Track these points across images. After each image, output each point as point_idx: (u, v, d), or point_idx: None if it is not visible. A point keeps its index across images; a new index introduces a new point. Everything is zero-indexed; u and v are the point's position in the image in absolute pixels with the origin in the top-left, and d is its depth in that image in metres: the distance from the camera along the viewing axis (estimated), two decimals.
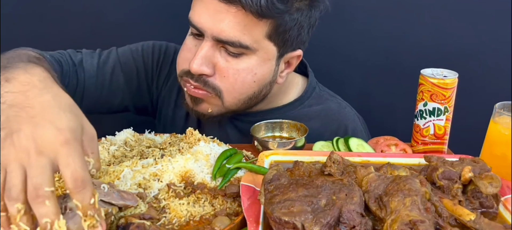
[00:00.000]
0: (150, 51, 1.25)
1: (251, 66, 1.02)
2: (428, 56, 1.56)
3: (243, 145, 1.08)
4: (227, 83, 1.03)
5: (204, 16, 0.97)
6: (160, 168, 0.85)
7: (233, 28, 0.95)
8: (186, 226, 0.75)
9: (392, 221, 0.62)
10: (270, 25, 0.98)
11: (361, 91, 1.66)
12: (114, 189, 0.73)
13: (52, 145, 0.58)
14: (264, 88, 1.09)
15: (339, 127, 1.20)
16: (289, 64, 1.12)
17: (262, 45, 1.01)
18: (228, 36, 0.96)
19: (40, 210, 0.56)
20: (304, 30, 1.05)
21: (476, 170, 0.76)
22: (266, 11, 0.92)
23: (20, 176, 0.56)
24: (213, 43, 0.99)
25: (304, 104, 1.22)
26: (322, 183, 0.71)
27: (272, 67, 1.06)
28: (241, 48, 0.98)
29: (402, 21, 1.56)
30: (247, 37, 0.97)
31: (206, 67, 1.00)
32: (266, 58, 1.03)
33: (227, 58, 1.01)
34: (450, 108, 1.03)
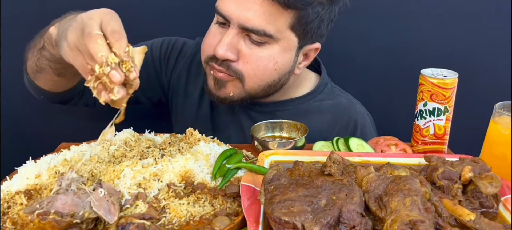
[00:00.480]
0: (159, 45, 1.31)
1: (273, 55, 1.06)
2: (428, 56, 1.56)
3: (243, 145, 1.08)
4: (250, 68, 1.07)
5: (231, 4, 1.02)
6: (160, 168, 0.85)
7: (259, 17, 1.00)
8: (186, 226, 0.75)
9: (392, 221, 0.62)
10: (294, 16, 1.02)
11: (361, 91, 1.66)
12: (110, 198, 0.74)
13: (98, 13, 0.82)
14: (283, 77, 1.13)
15: (349, 122, 1.23)
16: (307, 56, 1.17)
17: (285, 35, 1.05)
18: (253, 25, 1.01)
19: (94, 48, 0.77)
20: (324, 24, 1.09)
21: (476, 170, 0.76)
22: (292, 2, 0.98)
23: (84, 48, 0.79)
24: (238, 31, 1.03)
25: (316, 98, 1.25)
26: (322, 183, 0.71)
27: (292, 57, 1.11)
28: (265, 37, 1.03)
29: (402, 21, 1.56)
30: (272, 27, 1.02)
31: (230, 53, 1.05)
32: (287, 48, 1.08)
33: (250, 46, 1.05)
34: (450, 108, 1.03)
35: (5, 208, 0.78)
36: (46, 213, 0.68)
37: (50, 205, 0.70)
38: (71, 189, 0.76)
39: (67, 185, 0.77)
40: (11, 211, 0.77)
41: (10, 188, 0.83)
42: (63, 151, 0.98)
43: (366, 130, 1.23)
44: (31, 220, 0.68)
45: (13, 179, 0.86)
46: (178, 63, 1.31)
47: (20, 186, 0.84)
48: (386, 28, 1.57)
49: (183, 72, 1.30)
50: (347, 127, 1.21)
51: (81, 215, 0.70)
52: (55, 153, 0.99)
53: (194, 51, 1.30)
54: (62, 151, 0.98)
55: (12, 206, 0.78)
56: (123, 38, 0.79)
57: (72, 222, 0.69)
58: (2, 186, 0.84)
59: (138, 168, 0.84)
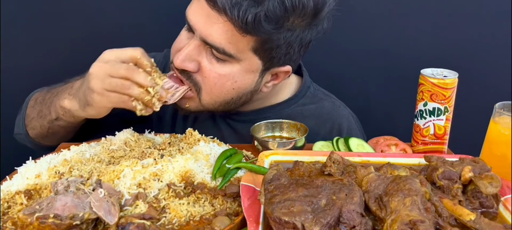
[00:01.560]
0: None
1: (232, 74, 1.03)
2: (428, 56, 1.56)
3: (243, 145, 1.08)
4: (207, 84, 1.04)
5: (197, 15, 0.99)
6: (160, 168, 0.85)
7: (220, 35, 0.96)
8: (186, 226, 0.75)
9: (392, 221, 0.62)
10: (256, 40, 0.98)
11: (361, 91, 1.66)
12: (109, 199, 0.74)
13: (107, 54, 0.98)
14: (244, 96, 1.10)
15: (333, 126, 1.21)
16: (277, 76, 1.12)
17: (247, 57, 1.01)
18: (214, 41, 0.97)
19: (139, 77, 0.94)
20: (294, 49, 1.04)
21: (476, 170, 0.76)
22: (251, 29, 0.92)
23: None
24: (200, 42, 1.00)
25: (298, 103, 1.22)
26: (322, 183, 0.71)
27: (254, 78, 1.07)
28: (225, 55, 0.99)
29: (402, 21, 1.56)
30: (232, 47, 0.98)
31: (189, 63, 1.02)
32: (249, 70, 1.04)
33: (211, 60, 1.02)
34: (450, 108, 1.03)
35: (5, 208, 0.78)
36: (45, 217, 0.68)
37: (50, 206, 0.70)
38: (70, 190, 0.76)
39: (65, 187, 0.77)
40: (11, 211, 0.77)
41: (10, 188, 0.83)
42: (63, 151, 0.98)
43: (352, 132, 1.20)
44: (31, 223, 0.68)
45: (13, 179, 0.86)
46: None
47: (20, 186, 0.84)
48: (386, 28, 1.57)
49: None
50: (331, 132, 1.19)
51: (81, 217, 0.70)
52: (55, 153, 0.99)
53: (163, 66, 1.26)
54: (62, 151, 0.98)
55: (12, 206, 0.78)
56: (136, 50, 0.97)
57: (72, 224, 0.69)
58: (2, 186, 0.84)
59: (138, 168, 0.84)
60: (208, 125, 1.22)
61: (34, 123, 1.15)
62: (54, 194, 0.76)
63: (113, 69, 0.93)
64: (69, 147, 1.00)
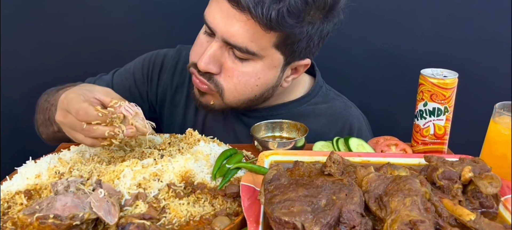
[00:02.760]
0: (140, 66, 1.31)
1: (256, 71, 1.04)
2: (428, 56, 1.56)
3: (243, 145, 1.08)
4: (231, 83, 1.05)
5: (217, 17, 1.00)
6: (160, 168, 0.85)
7: (242, 34, 0.97)
8: (186, 226, 0.75)
9: (392, 221, 0.62)
10: (279, 36, 0.99)
11: (361, 91, 1.66)
12: (110, 199, 0.74)
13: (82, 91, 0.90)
14: (266, 92, 1.11)
15: (344, 126, 1.22)
16: (296, 70, 1.14)
17: (269, 53, 1.02)
18: (236, 41, 0.98)
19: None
20: (314, 42, 1.06)
21: (476, 170, 0.76)
22: (275, 25, 0.94)
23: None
24: (222, 44, 1.02)
25: (310, 102, 1.24)
26: (322, 183, 0.71)
27: (276, 74, 1.09)
28: (247, 54, 1.00)
29: (402, 21, 1.56)
30: (255, 45, 0.99)
31: (212, 66, 1.03)
32: (271, 65, 1.05)
33: (234, 60, 1.03)
34: (450, 108, 1.03)
35: (5, 208, 0.78)
36: (45, 217, 0.68)
37: (50, 206, 0.70)
38: (70, 190, 0.76)
39: (65, 187, 0.77)
40: (11, 211, 0.77)
41: (10, 188, 0.83)
42: (63, 151, 0.98)
43: (362, 133, 1.22)
44: (31, 223, 0.68)
45: (13, 179, 0.86)
46: (161, 78, 1.30)
47: (20, 186, 0.84)
48: (386, 28, 1.57)
49: (167, 84, 1.29)
50: (342, 131, 1.20)
51: (81, 217, 0.70)
52: (55, 153, 0.99)
53: (175, 62, 1.29)
54: (62, 151, 0.98)
55: (12, 206, 0.78)
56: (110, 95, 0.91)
57: (72, 224, 0.69)
58: (2, 186, 0.84)
59: (138, 168, 0.84)
60: (219, 120, 1.24)
61: (42, 129, 1.18)
62: (54, 194, 0.75)
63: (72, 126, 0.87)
64: (69, 147, 1.01)
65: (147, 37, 1.60)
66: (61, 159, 0.92)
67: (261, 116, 1.18)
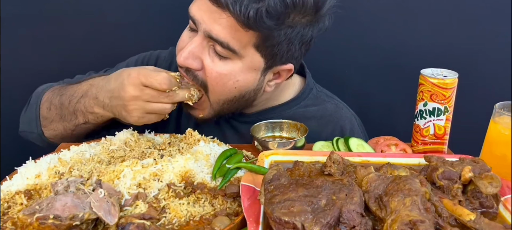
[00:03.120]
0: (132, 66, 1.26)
1: (234, 72, 1.03)
2: (428, 56, 1.56)
3: (243, 145, 1.08)
4: (210, 82, 1.04)
5: (201, 11, 0.99)
6: (160, 168, 0.85)
7: (225, 29, 0.97)
8: (186, 226, 0.75)
9: (392, 221, 0.62)
10: (258, 37, 0.98)
11: (361, 91, 1.66)
12: (109, 199, 0.74)
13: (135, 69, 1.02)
14: (247, 94, 1.10)
15: (335, 128, 1.21)
16: (279, 75, 1.12)
17: (249, 53, 1.01)
18: (218, 36, 0.98)
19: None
20: (295, 46, 1.04)
21: (476, 170, 0.76)
22: (253, 24, 0.93)
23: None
24: (204, 39, 1.01)
25: (300, 105, 1.22)
26: (322, 183, 0.71)
27: (256, 77, 1.07)
28: (228, 51, 0.99)
29: (402, 21, 1.56)
30: (236, 42, 0.98)
31: (192, 61, 1.02)
32: (251, 67, 1.04)
33: (214, 58, 1.02)
34: (450, 108, 1.03)
35: (5, 208, 0.78)
36: (45, 217, 0.68)
37: (50, 207, 0.70)
38: (70, 190, 0.76)
39: (65, 187, 0.77)
40: (11, 211, 0.77)
41: (10, 188, 0.83)
42: (63, 151, 0.98)
43: (354, 135, 1.19)
44: (31, 223, 0.68)
45: (13, 179, 0.86)
46: None
47: (20, 186, 0.84)
48: (386, 28, 1.57)
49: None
50: (332, 134, 1.17)
51: (80, 217, 0.70)
52: (55, 153, 0.99)
53: (168, 64, 1.27)
54: (62, 151, 0.98)
55: (12, 206, 0.78)
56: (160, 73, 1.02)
57: (72, 225, 0.69)
58: (2, 186, 0.84)
59: (138, 168, 0.84)
60: (211, 125, 1.22)
61: (55, 126, 1.15)
62: (54, 194, 0.75)
63: (153, 97, 1.00)
64: (69, 147, 1.00)
65: (147, 38, 1.60)
66: (61, 159, 0.92)
67: (251, 121, 1.15)
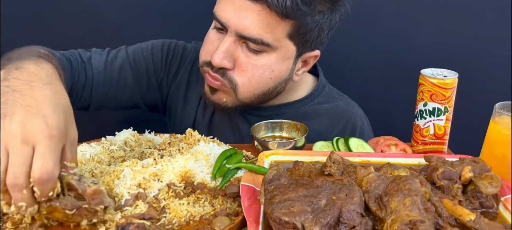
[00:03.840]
0: (159, 49, 1.28)
1: (269, 63, 1.05)
2: (428, 56, 1.56)
3: (243, 145, 1.08)
4: (245, 77, 1.06)
5: (229, 11, 1.00)
6: (160, 168, 0.85)
7: (257, 25, 0.98)
8: (186, 226, 0.75)
9: (392, 221, 0.62)
10: (292, 26, 1.01)
11: (361, 91, 1.66)
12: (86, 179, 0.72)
13: (37, 135, 0.63)
14: (279, 85, 1.12)
15: (346, 125, 1.23)
16: (306, 63, 1.16)
17: (283, 44, 1.03)
18: (251, 33, 0.99)
19: (16, 196, 0.63)
20: (324, 32, 1.07)
21: (476, 170, 0.76)
22: (290, 12, 0.95)
23: (4, 162, 0.62)
24: (235, 38, 1.02)
25: (313, 102, 1.24)
26: (322, 183, 0.71)
27: (289, 66, 1.10)
28: (262, 46, 1.01)
29: (402, 21, 1.56)
30: (269, 36, 1.00)
31: (227, 61, 1.04)
32: (285, 57, 1.06)
33: (247, 53, 1.04)
34: (450, 108, 1.03)
35: None
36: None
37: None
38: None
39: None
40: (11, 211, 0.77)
41: None
42: None
43: (364, 132, 1.23)
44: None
45: None
46: (180, 69, 1.29)
47: None
48: (386, 28, 1.57)
49: (183, 79, 1.29)
50: (344, 130, 1.21)
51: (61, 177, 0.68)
52: None
53: (194, 57, 1.29)
54: None
55: None
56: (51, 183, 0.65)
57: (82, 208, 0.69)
58: None
59: (138, 168, 0.84)
60: (225, 119, 1.25)
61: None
62: None
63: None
64: None
65: (147, 38, 1.60)
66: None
67: (266, 115, 1.18)
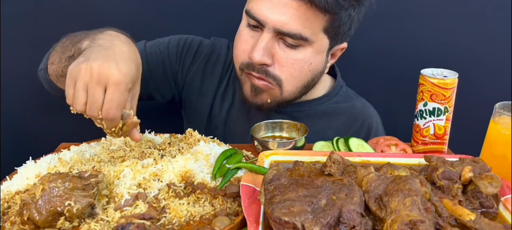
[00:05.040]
0: (175, 44, 1.31)
1: (307, 57, 1.07)
2: (428, 56, 1.56)
3: (243, 145, 1.08)
4: (286, 72, 1.08)
5: (265, 9, 1.01)
6: (160, 168, 0.85)
7: (295, 21, 1.00)
8: (186, 226, 0.75)
9: (392, 221, 0.62)
10: (328, 20, 1.03)
11: (361, 91, 1.66)
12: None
13: (109, 79, 0.79)
14: (316, 77, 1.15)
15: (363, 125, 1.25)
16: (334, 55, 1.18)
17: (318, 38, 1.06)
18: (290, 29, 1.01)
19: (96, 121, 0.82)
20: (354, 25, 1.10)
21: (476, 170, 0.76)
22: (331, 7, 0.98)
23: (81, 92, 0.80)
24: (273, 34, 1.03)
25: (332, 101, 1.26)
26: (322, 183, 0.71)
27: (324, 58, 1.12)
28: (300, 40, 1.03)
29: (402, 22, 1.56)
30: (308, 30, 1.02)
31: (266, 57, 1.05)
32: (320, 50, 1.09)
33: (285, 49, 1.06)
34: (450, 108, 1.03)
35: (5, 208, 0.78)
36: None
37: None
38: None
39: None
40: (11, 211, 0.77)
41: (10, 188, 0.83)
42: (63, 151, 0.98)
43: (379, 133, 1.26)
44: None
45: (13, 179, 0.86)
46: (194, 62, 1.31)
47: (20, 186, 0.84)
48: (386, 28, 1.57)
49: (198, 71, 1.30)
50: (360, 130, 1.23)
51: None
52: (55, 153, 0.99)
53: (210, 51, 1.30)
54: (62, 151, 0.98)
55: (12, 206, 0.78)
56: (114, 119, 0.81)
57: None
58: (2, 186, 0.84)
59: (138, 168, 0.84)
60: (243, 114, 1.26)
61: (55, 57, 1.09)
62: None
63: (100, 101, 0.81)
64: (69, 147, 1.01)
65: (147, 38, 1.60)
66: (61, 159, 0.92)
67: (285, 112, 1.20)
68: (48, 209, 0.70)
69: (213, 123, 1.29)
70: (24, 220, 0.71)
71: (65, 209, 0.70)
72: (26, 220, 0.72)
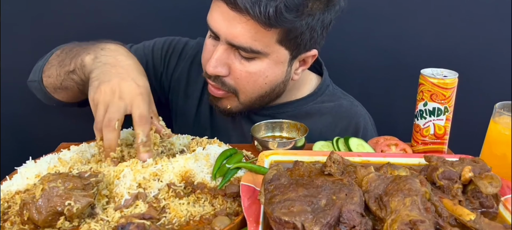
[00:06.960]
0: (160, 46, 1.31)
1: (262, 69, 1.06)
2: (428, 56, 1.56)
3: (243, 145, 1.08)
4: (241, 84, 1.08)
5: (219, 21, 1.01)
6: (160, 168, 0.85)
7: (245, 35, 0.99)
8: (186, 226, 0.75)
9: (392, 221, 0.62)
10: (281, 32, 1.01)
11: (361, 91, 1.66)
12: None
13: (131, 94, 0.88)
14: (277, 87, 1.13)
15: (349, 124, 1.23)
16: (305, 62, 1.16)
17: (274, 49, 1.04)
18: (240, 42, 1.00)
19: (107, 135, 0.85)
20: (317, 32, 1.06)
21: (476, 170, 0.76)
22: (274, 22, 0.95)
23: (103, 113, 0.86)
24: (227, 46, 1.03)
25: (316, 100, 1.25)
26: (322, 183, 0.71)
27: (284, 69, 1.10)
28: (253, 53, 1.02)
29: (402, 21, 1.56)
30: (258, 43, 1.01)
31: (221, 68, 1.05)
32: (278, 61, 1.07)
33: (241, 60, 1.05)
34: (450, 108, 1.03)
35: (5, 208, 0.78)
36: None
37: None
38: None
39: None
40: (11, 211, 0.77)
41: (10, 188, 0.83)
42: (63, 151, 0.98)
43: (367, 132, 1.23)
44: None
45: (13, 179, 0.86)
46: (178, 64, 1.31)
47: (20, 186, 0.83)
48: (386, 28, 1.57)
49: (183, 73, 1.30)
50: (347, 130, 1.21)
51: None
52: (55, 153, 0.99)
53: (195, 52, 1.30)
54: (62, 151, 0.98)
55: (12, 206, 0.78)
56: (148, 123, 0.88)
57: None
58: (2, 186, 0.84)
59: (138, 168, 0.84)
60: (228, 119, 1.25)
61: (52, 71, 1.12)
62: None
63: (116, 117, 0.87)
64: (69, 147, 1.00)
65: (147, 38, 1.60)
66: (61, 159, 0.92)
67: (268, 114, 1.20)
68: (48, 209, 0.70)
69: (202, 125, 1.29)
70: (24, 220, 0.71)
71: (65, 209, 0.70)
72: (26, 220, 0.72)
